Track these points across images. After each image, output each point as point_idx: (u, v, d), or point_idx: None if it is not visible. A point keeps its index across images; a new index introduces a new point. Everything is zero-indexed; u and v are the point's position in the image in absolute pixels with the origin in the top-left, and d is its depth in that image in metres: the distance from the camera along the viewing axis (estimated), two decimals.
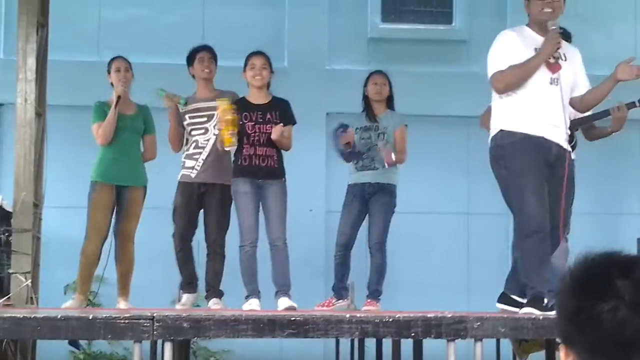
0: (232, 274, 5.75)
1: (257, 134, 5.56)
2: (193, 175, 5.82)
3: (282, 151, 5.70)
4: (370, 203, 6.02)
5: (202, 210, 5.89)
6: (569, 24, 5.21)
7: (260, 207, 5.59)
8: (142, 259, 6.11)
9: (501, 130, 4.58)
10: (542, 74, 4.53)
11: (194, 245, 5.94)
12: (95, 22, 8.81)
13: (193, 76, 6.00)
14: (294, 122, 5.74)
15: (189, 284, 5.92)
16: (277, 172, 5.63)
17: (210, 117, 5.80)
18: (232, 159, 5.73)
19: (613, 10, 9.20)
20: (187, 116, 5.89)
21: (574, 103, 4.68)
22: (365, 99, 6.21)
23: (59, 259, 6.64)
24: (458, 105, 8.66)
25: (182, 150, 5.97)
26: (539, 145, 4.50)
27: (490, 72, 4.58)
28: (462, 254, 8.93)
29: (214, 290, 5.80)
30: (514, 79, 4.51)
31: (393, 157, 5.91)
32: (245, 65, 5.70)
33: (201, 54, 5.95)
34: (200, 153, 5.82)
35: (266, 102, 5.67)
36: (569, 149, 4.63)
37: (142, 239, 6.09)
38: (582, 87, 4.68)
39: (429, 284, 8.43)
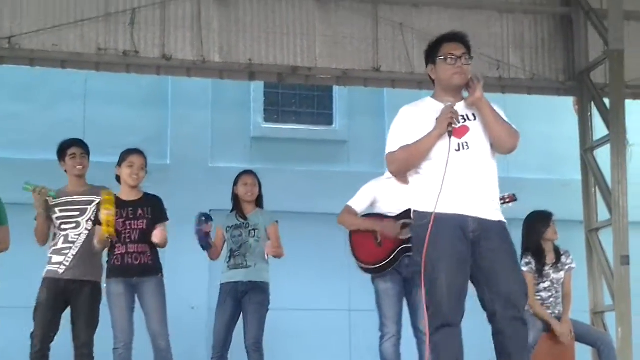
0: None
1: (128, 231, 5.49)
2: (61, 271, 5.52)
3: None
4: (244, 302, 5.95)
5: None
6: None
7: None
8: None
9: (414, 211, 4.20)
10: (446, 143, 4.08)
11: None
12: None
13: (65, 171, 5.78)
14: (166, 219, 5.67)
15: None
16: (152, 269, 5.52)
17: (82, 212, 5.63)
18: (106, 257, 5.58)
19: None
20: (57, 209, 5.64)
21: (497, 150, 4.22)
22: (235, 197, 6.25)
23: None
24: (339, 203, 8.78)
25: (47, 244, 5.68)
26: (452, 224, 4.03)
27: (385, 153, 4.24)
28: (345, 350, 8.97)
29: None
30: (404, 161, 4.16)
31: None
32: (122, 161, 5.65)
33: (73, 150, 5.75)
34: (70, 248, 5.56)
35: (137, 198, 5.62)
36: (498, 218, 4.14)
37: None
38: None
39: None
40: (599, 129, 7.68)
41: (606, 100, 7.46)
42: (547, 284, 6.17)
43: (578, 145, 7.86)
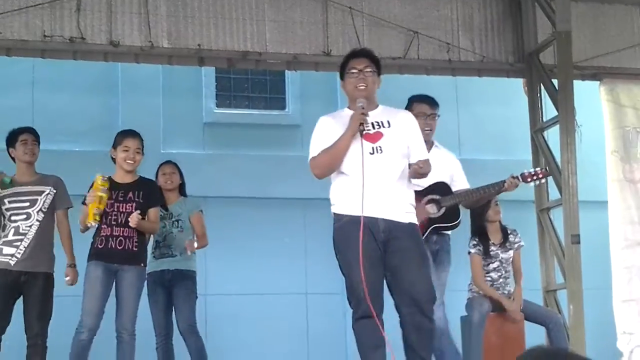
0: None
1: (115, 213, 5.40)
2: (12, 263, 5.48)
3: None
4: (173, 291, 6.02)
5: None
6: None
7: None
8: None
9: (333, 213, 4.50)
10: (360, 146, 4.33)
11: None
12: None
13: (13, 159, 5.75)
14: (158, 204, 5.68)
15: None
16: (135, 257, 5.44)
17: (32, 202, 5.58)
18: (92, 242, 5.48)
19: None
20: (6, 200, 5.58)
21: (412, 175, 4.50)
22: (159, 189, 6.21)
23: None
24: (294, 187, 8.84)
25: None
26: (364, 226, 4.25)
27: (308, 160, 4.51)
28: (302, 333, 9.00)
29: None
30: (325, 163, 4.42)
31: (195, 245, 5.95)
32: (117, 144, 5.56)
33: (24, 136, 5.72)
34: (21, 240, 5.51)
35: (131, 181, 5.55)
36: (408, 220, 4.39)
37: None
38: (415, 154, 4.46)
39: None
40: (549, 110, 7.75)
41: (555, 82, 7.53)
42: (496, 264, 6.23)
43: (529, 126, 7.92)
